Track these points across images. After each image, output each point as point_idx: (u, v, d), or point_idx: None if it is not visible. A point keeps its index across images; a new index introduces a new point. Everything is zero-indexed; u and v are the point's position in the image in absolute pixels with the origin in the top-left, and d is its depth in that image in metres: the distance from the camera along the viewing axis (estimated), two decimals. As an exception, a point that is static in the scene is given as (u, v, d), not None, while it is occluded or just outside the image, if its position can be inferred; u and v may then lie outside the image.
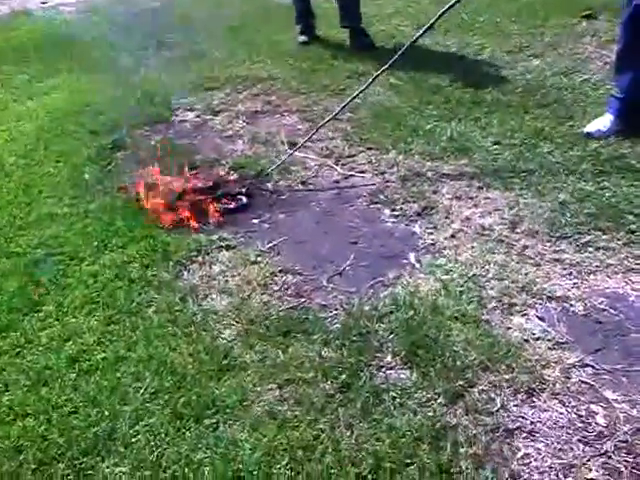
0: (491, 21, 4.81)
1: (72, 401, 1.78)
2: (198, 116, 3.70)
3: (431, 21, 2.69)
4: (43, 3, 7.16)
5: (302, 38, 4.75)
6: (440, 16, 2.61)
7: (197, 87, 4.07)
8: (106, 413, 1.73)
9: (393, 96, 3.66)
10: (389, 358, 1.88)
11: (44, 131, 3.55)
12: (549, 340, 1.91)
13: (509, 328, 1.97)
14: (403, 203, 2.65)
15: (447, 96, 3.58)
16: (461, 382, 1.77)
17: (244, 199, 2.78)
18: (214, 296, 2.20)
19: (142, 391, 1.80)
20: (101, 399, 1.79)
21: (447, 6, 2.63)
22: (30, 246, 2.51)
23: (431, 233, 2.46)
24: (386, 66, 2.87)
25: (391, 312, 2.03)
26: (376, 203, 2.70)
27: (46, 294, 2.23)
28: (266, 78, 4.12)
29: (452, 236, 2.42)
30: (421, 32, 2.76)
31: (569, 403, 1.72)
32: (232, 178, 2.96)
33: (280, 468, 1.55)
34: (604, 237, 2.32)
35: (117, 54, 4.88)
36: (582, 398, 1.73)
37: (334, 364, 1.85)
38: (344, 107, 3.05)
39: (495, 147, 2.99)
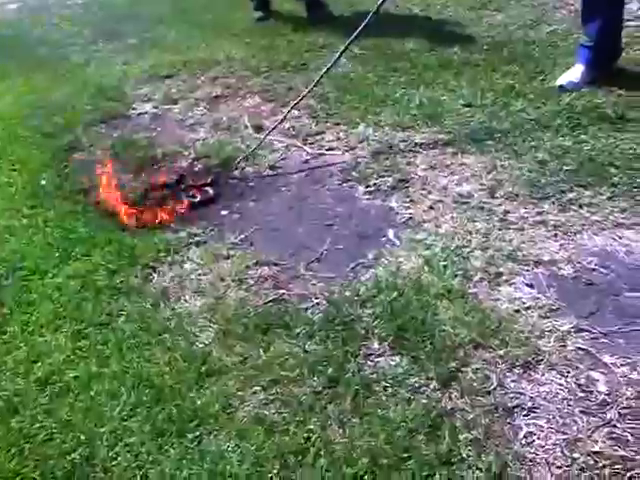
0: (450, -21, 4.65)
1: (45, 428, 1.66)
2: (156, 107, 3.54)
3: None
4: (-14, 3, 6.86)
5: (257, 14, 4.58)
6: None
7: (152, 76, 3.90)
8: (82, 437, 1.62)
9: (357, 66, 3.52)
10: (376, 345, 1.78)
11: (-4, 139, 3.37)
12: (540, 308, 1.83)
13: (498, 300, 1.88)
14: (377, 178, 2.54)
15: (413, 61, 3.46)
16: (453, 363, 1.68)
17: (210, 190, 2.64)
18: (187, 297, 2.08)
19: (119, 409, 1.69)
20: (76, 422, 1.67)
21: None
22: (-11, 264, 2.37)
23: (408, 207, 2.35)
24: (352, 37, 2.71)
25: (374, 296, 1.93)
26: (349, 181, 2.59)
27: (9, 314, 2.09)
28: (223, 60, 3.95)
29: (430, 208, 2.32)
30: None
31: (568, 373, 1.64)
32: (196, 169, 2.83)
33: (271, 478, 1.46)
34: (587, 193, 2.24)
35: (66, 50, 4.68)
36: (580, 366, 1.65)
37: (319, 358, 1.74)
38: (312, 87, 2.90)
39: (466, 110, 2.88)
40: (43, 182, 2.83)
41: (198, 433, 1.60)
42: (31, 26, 5.43)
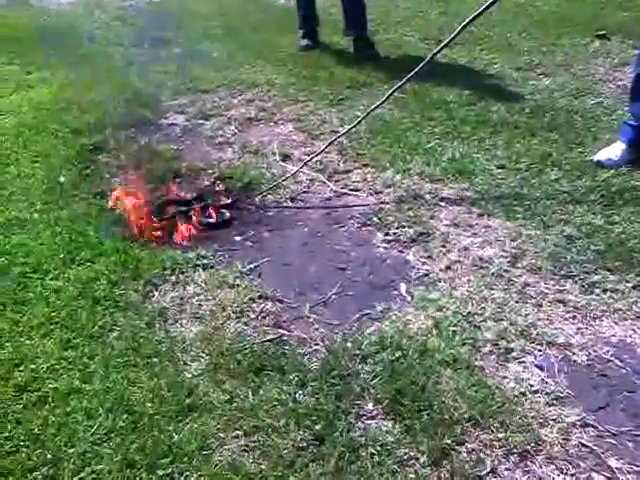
0: (501, 36, 4.64)
1: (13, 439, 1.59)
2: (188, 120, 3.52)
3: (452, 34, 2.47)
4: (43, -7, 6.98)
5: (304, 42, 4.58)
6: (462, 29, 2.41)
7: (190, 89, 3.89)
8: (49, 456, 1.54)
9: (394, 109, 3.48)
10: (370, 406, 1.69)
11: (25, 127, 3.36)
12: (548, 394, 1.73)
13: (504, 377, 1.78)
14: (397, 227, 2.47)
15: (451, 113, 3.40)
16: (448, 440, 1.59)
17: (227, 213, 2.59)
18: (184, 322, 2.01)
19: (92, 430, 1.61)
20: (46, 437, 1.59)
21: (468, 19, 2.43)
22: (-8, 254, 2.32)
23: (425, 262, 2.28)
24: (401, 83, 2.67)
25: (376, 352, 1.84)
26: (368, 225, 2.52)
27: (2, 310, 2.04)
28: (263, 83, 3.94)
29: (448, 267, 2.24)
30: (441, 46, 2.55)
31: (567, 470, 1.53)
32: (217, 189, 2.78)
33: (237, 535, 1.37)
34: (612, 278, 2.14)
35: (112, 49, 4.71)
36: (582, 465, 1.54)
37: (309, 410, 1.66)
38: (352, 128, 2.87)
39: (499, 171, 2.81)
40: (62, 179, 2.80)
41: (170, 471, 1.51)
42: (82, 22, 5.49)
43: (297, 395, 1.71)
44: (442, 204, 2.60)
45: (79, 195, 2.71)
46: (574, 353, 1.86)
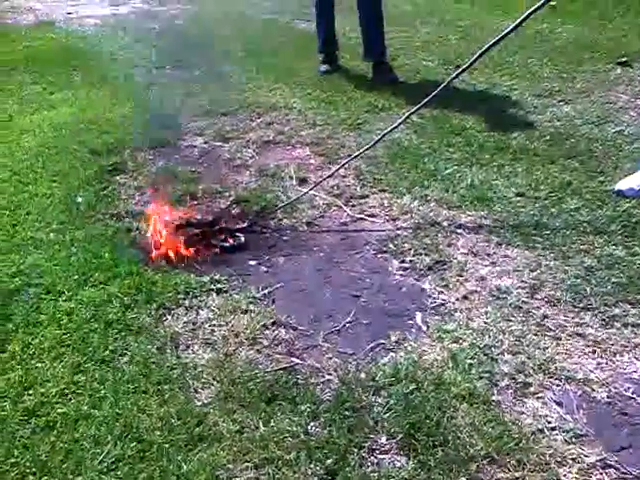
0: (521, 62, 4.63)
1: (19, 465, 1.57)
2: (206, 142, 3.53)
3: (471, 60, 2.46)
4: (69, 14, 7.12)
5: (324, 67, 4.60)
6: (480, 55, 2.39)
7: (209, 111, 3.91)
8: (55, 484, 1.52)
9: (412, 135, 3.46)
10: (383, 440, 1.65)
11: (45, 147, 3.39)
12: (566, 431, 1.67)
13: (522, 413, 1.73)
14: (414, 255, 2.43)
15: (470, 139, 3.38)
16: (463, 477, 1.54)
17: (242, 237, 2.58)
18: (196, 348, 1.99)
19: (100, 458, 1.58)
20: (53, 465, 1.57)
21: (487, 45, 2.41)
22: (7, 274, 2.32)
23: (442, 292, 2.24)
24: (417, 107, 2.66)
25: (390, 384, 1.80)
26: (384, 252, 2.49)
27: (14, 331, 2.03)
28: (282, 106, 3.95)
29: (465, 297, 2.20)
30: (460, 71, 2.54)
31: (587, 514, 1.48)
32: (233, 212, 2.77)
33: None
34: (633, 311, 2.09)
35: (133, 70, 4.77)
36: (603, 508, 1.49)
37: (320, 443, 1.62)
38: (366, 150, 2.86)
39: (518, 199, 2.77)
40: (79, 200, 2.81)
41: (177, 503, 1.48)
42: (105, 42, 5.57)
43: (309, 427, 1.67)
44: (460, 232, 2.57)
45: (95, 216, 2.72)
46: (593, 389, 1.81)
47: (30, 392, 1.79)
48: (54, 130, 3.62)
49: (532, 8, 2.27)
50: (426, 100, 2.59)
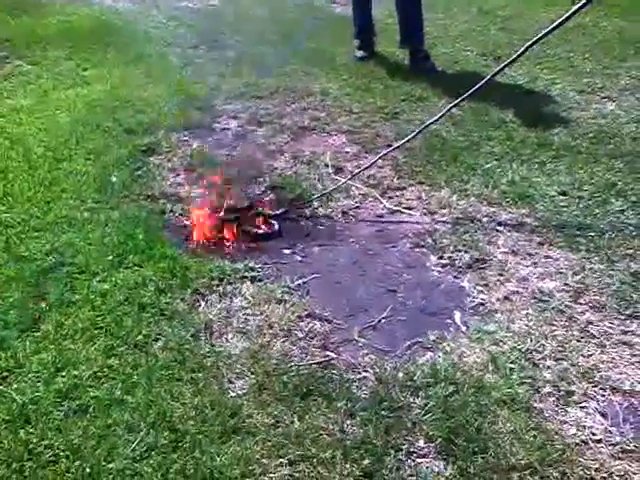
0: (563, 56, 4.49)
1: (53, 448, 1.55)
2: (241, 126, 3.48)
3: (514, 56, 2.36)
4: (103, -10, 7.07)
5: (360, 53, 4.50)
6: (525, 51, 2.29)
7: (244, 94, 3.86)
8: (87, 470, 1.49)
9: (451, 127, 3.38)
10: (421, 443, 1.61)
11: (79, 124, 3.37)
12: (612, 445, 1.61)
13: (565, 422, 1.68)
14: (452, 251, 2.37)
15: (510, 133, 3.29)
16: (504, 486, 1.49)
17: (276, 225, 2.53)
18: (230, 336, 1.95)
19: (133, 446, 1.56)
20: (86, 449, 1.55)
21: (532, 41, 2.31)
22: (41, 252, 2.30)
23: (482, 291, 2.18)
24: (458, 100, 2.57)
25: (429, 385, 1.75)
26: (422, 247, 2.43)
27: (48, 310, 2.01)
28: (317, 92, 3.88)
29: (506, 298, 2.14)
30: (503, 65, 2.45)
31: (633, 532, 1.42)
32: (268, 199, 2.73)
33: None
34: (682, 322, 2.01)
35: (168, 49, 4.72)
36: (650, 527, 1.43)
37: (357, 443, 1.58)
38: (406, 142, 2.79)
39: (561, 198, 2.69)
40: (114, 179, 2.79)
41: (211, 497, 1.45)
42: (139, 20, 5.52)
43: (345, 425, 1.63)
44: (500, 229, 2.50)
45: (130, 196, 2.69)
46: (641, 402, 1.74)
47: (63, 374, 1.78)
48: (88, 107, 3.59)
49: (579, 4, 2.15)
50: (467, 94, 2.51)
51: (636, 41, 4.74)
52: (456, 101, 2.62)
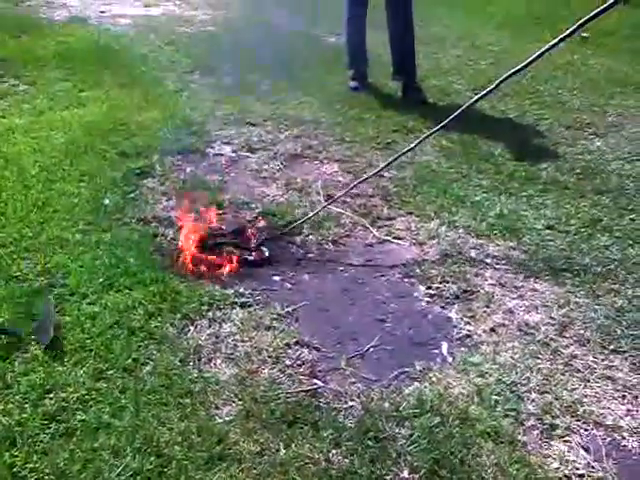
0: (552, 92, 4.60)
1: (37, 471, 1.55)
2: (234, 151, 3.52)
3: (493, 85, 2.42)
4: (101, 12, 7.16)
5: (353, 84, 4.59)
6: (503, 81, 2.36)
7: (238, 120, 3.90)
8: (72, 494, 1.49)
9: (441, 159, 3.44)
10: (406, 474, 1.62)
11: (74, 145, 3.39)
12: (594, 480, 1.63)
13: (548, 456, 1.70)
14: (440, 282, 2.40)
15: (499, 166, 3.36)
16: (487, 519, 1.50)
17: (267, 251, 2.56)
18: (218, 362, 1.96)
19: (119, 471, 1.56)
20: (71, 474, 1.55)
21: (511, 71, 2.37)
22: (33, 272, 2.31)
23: (468, 322, 2.21)
24: (439, 127, 2.62)
25: (415, 416, 1.77)
26: (411, 277, 2.46)
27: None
28: (310, 120, 3.94)
29: (492, 330, 2.17)
30: (481, 94, 2.50)
31: None
32: (259, 225, 2.76)
33: None
34: (665, 358, 2.05)
35: (163, 74, 4.77)
36: None
37: (342, 473, 1.59)
38: (388, 165, 2.84)
39: (547, 232, 2.74)
40: (107, 201, 2.81)
41: (194, 524, 1.45)
42: (136, 44, 5.58)
43: (330, 454, 1.64)
44: (488, 261, 2.54)
45: (122, 219, 2.70)
46: (623, 437, 1.77)
47: (51, 396, 1.78)
48: (83, 128, 3.62)
49: (559, 37, 2.19)
50: (446, 121, 2.51)
51: (622, 79, 4.88)
52: (433, 130, 2.65)
